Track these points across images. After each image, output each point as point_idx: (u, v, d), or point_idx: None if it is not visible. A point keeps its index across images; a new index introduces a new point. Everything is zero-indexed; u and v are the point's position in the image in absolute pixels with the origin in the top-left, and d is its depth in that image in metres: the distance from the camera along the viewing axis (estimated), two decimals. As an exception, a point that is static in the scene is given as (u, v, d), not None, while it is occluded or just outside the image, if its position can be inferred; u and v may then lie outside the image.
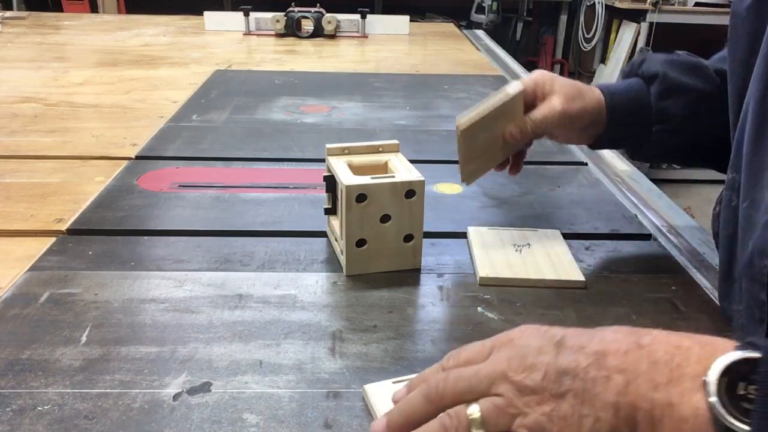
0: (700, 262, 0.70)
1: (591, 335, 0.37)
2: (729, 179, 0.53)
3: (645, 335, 0.36)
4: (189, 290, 0.60)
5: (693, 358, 0.34)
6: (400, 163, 0.66)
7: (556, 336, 0.38)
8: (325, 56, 1.76)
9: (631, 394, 0.35)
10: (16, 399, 0.46)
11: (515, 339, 0.39)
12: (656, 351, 0.35)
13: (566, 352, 0.37)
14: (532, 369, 0.37)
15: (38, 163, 0.90)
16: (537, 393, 0.36)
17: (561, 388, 0.36)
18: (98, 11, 3.46)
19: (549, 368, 0.36)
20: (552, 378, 0.36)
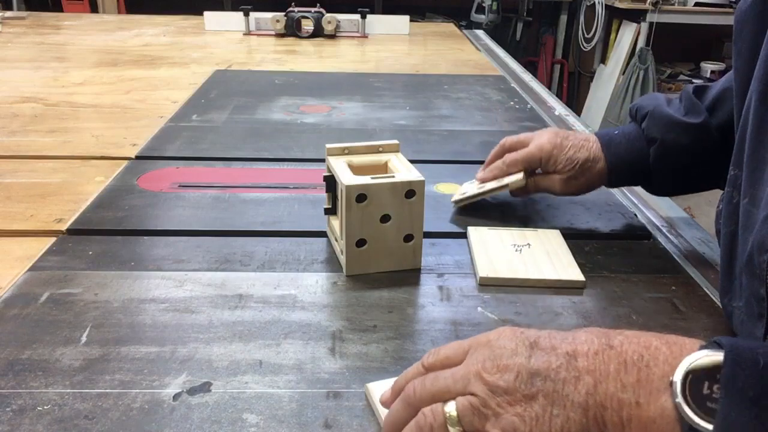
0: (700, 262, 0.70)
1: (564, 337, 0.38)
2: (731, 176, 0.53)
3: (616, 336, 0.37)
4: (189, 290, 0.60)
5: (661, 358, 0.35)
6: (400, 163, 0.66)
7: (530, 338, 0.39)
8: (325, 56, 1.76)
9: (599, 395, 0.36)
10: (16, 399, 0.46)
11: (492, 340, 0.40)
12: (626, 351, 0.36)
13: (539, 353, 0.38)
14: (505, 370, 0.38)
15: (38, 163, 0.90)
16: (509, 393, 0.37)
17: (532, 388, 0.37)
18: (98, 11, 3.46)
19: (521, 369, 0.37)
20: (524, 379, 0.37)
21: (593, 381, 0.36)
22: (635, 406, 0.35)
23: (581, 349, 0.37)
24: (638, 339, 0.36)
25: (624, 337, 0.37)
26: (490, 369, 0.38)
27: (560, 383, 0.36)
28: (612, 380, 0.35)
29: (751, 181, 0.49)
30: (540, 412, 0.36)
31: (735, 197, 0.52)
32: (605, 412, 0.35)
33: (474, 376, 0.39)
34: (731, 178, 0.53)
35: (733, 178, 0.53)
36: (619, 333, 0.37)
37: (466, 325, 0.57)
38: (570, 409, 0.36)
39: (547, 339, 0.39)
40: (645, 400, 0.35)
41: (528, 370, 0.37)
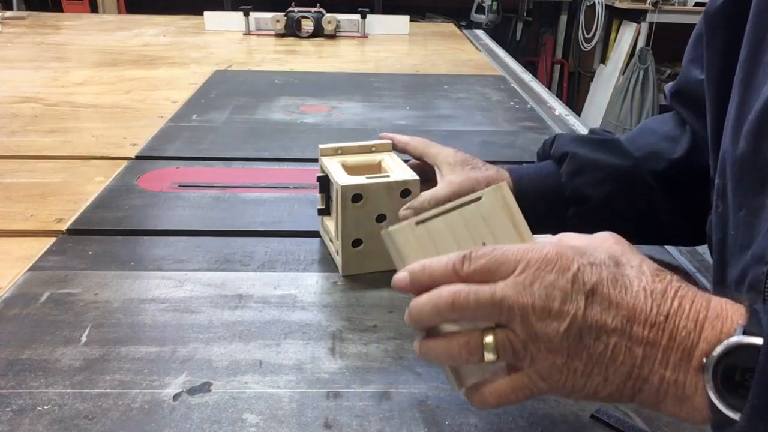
0: (700, 262, 0.70)
1: (624, 288, 0.36)
2: (715, 185, 0.53)
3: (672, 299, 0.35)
4: (189, 290, 0.60)
5: (703, 335, 0.34)
6: (393, 163, 0.66)
7: (588, 282, 0.35)
8: (325, 56, 1.76)
9: (645, 368, 0.35)
10: (16, 399, 0.46)
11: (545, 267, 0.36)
12: (677, 327, 0.35)
13: (596, 305, 0.35)
14: (556, 317, 0.35)
15: (38, 163, 0.90)
16: (553, 343, 0.35)
17: (580, 344, 0.35)
18: (98, 11, 3.46)
19: (574, 321, 0.35)
20: (573, 333, 0.35)
21: (642, 355, 0.35)
22: (673, 383, 0.35)
23: (640, 314, 0.35)
24: (689, 310, 0.35)
25: (678, 305, 0.35)
26: (540, 312, 0.35)
27: (610, 348, 0.35)
28: (660, 357, 0.35)
29: (741, 190, 0.48)
30: (581, 369, 0.35)
31: (719, 206, 0.51)
32: (645, 384, 0.35)
33: (520, 315, 0.35)
34: (716, 187, 0.53)
35: (717, 188, 0.52)
36: (674, 294, 0.36)
37: (466, 325, 0.56)
38: (612, 374, 0.35)
39: (608, 288, 0.35)
40: (683, 379, 0.35)
41: (580, 324, 0.35)
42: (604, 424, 0.45)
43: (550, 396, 0.44)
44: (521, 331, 0.36)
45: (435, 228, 0.43)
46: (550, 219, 0.61)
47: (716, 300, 0.36)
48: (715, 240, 0.53)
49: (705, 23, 0.54)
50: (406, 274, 0.39)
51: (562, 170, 0.63)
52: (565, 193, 0.63)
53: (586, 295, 0.35)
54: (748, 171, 0.46)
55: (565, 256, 0.36)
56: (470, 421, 0.45)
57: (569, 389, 0.37)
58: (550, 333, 0.35)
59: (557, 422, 0.45)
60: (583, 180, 0.62)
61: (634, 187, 0.63)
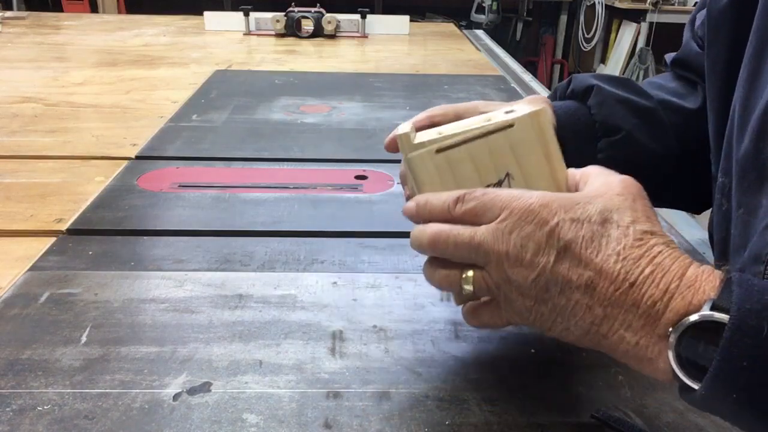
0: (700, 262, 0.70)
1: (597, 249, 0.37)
2: (719, 183, 0.53)
3: (645, 267, 0.36)
4: (189, 290, 0.60)
5: (671, 305, 0.35)
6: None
7: (563, 238, 0.37)
8: (325, 56, 1.76)
9: (604, 326, 0.37)
10: (16, 399, 0.46)
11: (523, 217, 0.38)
12: (644, 294, 0.35)
13: (564, 261, 0.37)
14: (527, 266, 0.38)
15: (38, 163, 0.90)
16: (523, 288, 0.38)
17: (545, 294, 0.38)
18: (98, 11, 3.47)
19: (542, 272, 0.37)
20: (541, 284, 0.37)
21: (603, 314, 0.36)
22: (634, 344, 0.36)
23: (605, 275, 0.36)
24: (661, 278, 0.35)
25: (650, 272, 0.36)
26: (513, 260, 0.38)
27: (572, 303, 0.37)
28: (620, 318, 0.36)
29: (741, 189, 0.48)
30: (546, 314, 0.38)
31: (724, 204, 0.51)
32: (603, 340, 0.37)
33: (495, 260, 0.39)
34: (720, 185, 0.52)
35: (721, 186, 0.52)
36: (649, 261, 0.36)
37: (467, 326, 0.56)
38: (572, 325, 0.38)
39: (581, 246, 0.37)
40: (645, 343, 0.36)
41: (547, 276, 0.37)
42: (604, 424, 0.45)
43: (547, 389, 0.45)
44: (495, 274, 0.39)
45: (456, 157, 0.41)
46: (584, 153, 0.60)
47: (693, 268, 0.36)
48: (717, 239, 0.53)
49: (708, 22, 0.54)
50: (413, 205, 0.43)
51: (589, 103, 0.62)
52: (596, 125, 0.61)
53: (558, 250, 0.37)
54: (750, 169, 0.46)
55: (548, 209, 0.38)
56: (470, 420, 0.45)
57: (539, 327, 0.40)
58: (520, 279, 0.38)
59: (557, 422, 0.45)
60: (610, 111, 0.61)
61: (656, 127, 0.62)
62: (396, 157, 0.46)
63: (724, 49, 0.52)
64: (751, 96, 0.47)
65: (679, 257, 0.36)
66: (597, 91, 0.61)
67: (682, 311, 0.34)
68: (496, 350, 0.53)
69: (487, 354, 0.52)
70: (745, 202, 0.47)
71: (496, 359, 0.52)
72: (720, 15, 0.52)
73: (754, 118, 0.45)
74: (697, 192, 0.65)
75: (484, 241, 0.39)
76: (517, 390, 0.48)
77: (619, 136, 0.61)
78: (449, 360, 0.52)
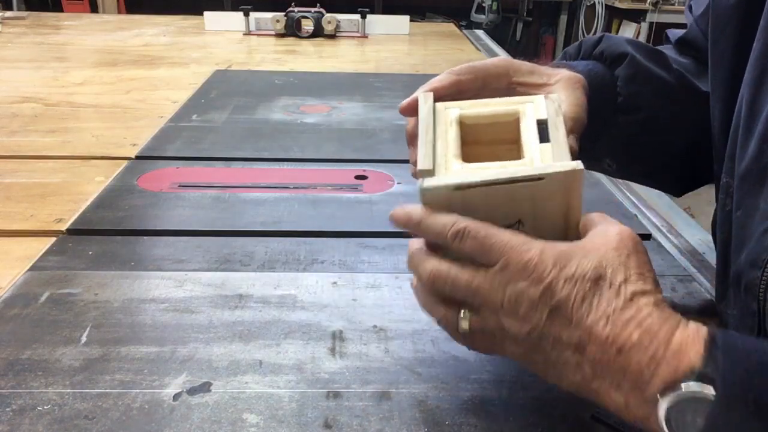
0: (700, 262, 0.70)
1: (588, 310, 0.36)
2: (723, 183, 0.52)
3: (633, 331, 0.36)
4: (189, 290, 0.60)
5: (660, 372, 0.35)
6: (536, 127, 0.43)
7: (555, 297, 0.37)
8: (325, 56, 1.76)
9: (595, 384, 0.37)
10: (16, 399, 0.46)
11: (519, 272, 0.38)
12: (632, 360, 0.35)
13: (556, 321, 0.37)
14: (521, 320, 0.38)
15: (38, 163, 0.90)
16: (517, 339, 0.39)
17: (538, 346, 0.38)
18: (98, 11, 3.47)
19: (535, 328, 0.38)
20: (534, 337, 0.38)
21: (592, 373, 0.37)
22: (624, 404, 0.36)
23: (594, 338, 0.36)
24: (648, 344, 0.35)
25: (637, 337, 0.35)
26: (507, 312, 0.38)
27: (561, 360, 0.38)
28: (609, 379, 0.36)
29: (742, 191, 0.47)
30: (540, 364, 0.39)
31: (728, 205, 0.51)
32: (597, 396, 0.37)
33: (491, 308, 0.39)
34: (723, 185, 0.52)
35: (725, 186, 0.51)
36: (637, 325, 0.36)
37: (466, 325, 0.56)
38: (565, 379, 0.38)
39: (572, 306, 0.37)
40: (635, 403, 0.36)
41: (540, 332, 0.38)
42: (604, 424, 0.45)
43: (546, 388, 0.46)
44: (491, 321, 0.40)
45: (472, 199, 0.40)
46: (598, 125, 0.55)
47: (680, 331, 0.36)
48: (720, 239, 0.53)
49: (713, 19, 0.52)
50: (405, 218, 0.42)
51: (617, 73, 0.58)
52: (618, 99, 0.57)
53: (550, 309, 0.37)
54: (752, 172, 0.46)
55: (544, 265, 0.38)
56: (470, 421, 0.45)
57: (532, 371, 0.41)
58: (514, 330, 0.39)
59: (557, 422, 0.45)
60: (637, 88, 0.58)
61: (675, 110, 0.59)
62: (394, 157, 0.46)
63: (730, 49, 0.51)
64: (758, 98, 0.46)
65: (668, 319, 0.36)
66: (630, 61, 0.57)
67: (669, 379, 0.34)
68: (496, 350, 0.53)
69: (487, 354, 0.52)
70: (744, 204, 0.47)
71: (496, 359, 0.52)
72: (726, 12, 0.51)
73: (761, 120, 0.45)
74: (686, 175, 0.64)
75: (480, 288, 0.39)
76: (517, 390, 0.48)
77: (638, 117, 0.58)
78: (449, 360, 0.52)
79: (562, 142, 0.42)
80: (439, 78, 0.50)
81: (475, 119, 0.44)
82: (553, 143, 0.42)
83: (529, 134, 0.43)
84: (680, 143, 0.61)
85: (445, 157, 0.42)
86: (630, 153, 0.61)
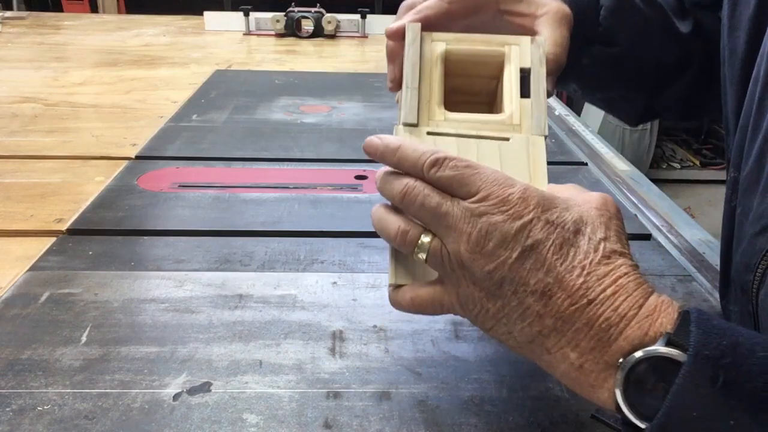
0: (700, 262, 0.70)
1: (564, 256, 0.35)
2: (730, 178, 0.51)
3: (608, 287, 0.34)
4: (189, 290, 0.60)
5: (626, 333, 0.33)
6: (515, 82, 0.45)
7: (532, 237, 0.35)
8: (325, 56, 1.76)
9: (550, 340, 0.35)
10: (16, 399, 0.46)
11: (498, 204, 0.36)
12: (600, 314, 0.34)
13: (527, 261, 0.35)
14: (485, 256, 0.35)
15: (38, 163, 0.90)
16: (476, 277, 0.36)
17: (497, 291, 0.36)
18: (98, 11, 3.47)
19: (498, 267, 0.35)
20: (496, 278, 0.35)
21: (552, 326, 0.35)
22: (578, 367, 0.34)
23: (565, 285, 0.34)
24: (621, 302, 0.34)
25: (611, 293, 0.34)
26: (473, 245, 0.36)
27: (521, 308, 0.35)
28: (569, 335, 0.34)
29: (743, 188, 0.47)
30: (492, 312, 0.36)
31: (733, 200, 0.51)
32: (545, 354, 0.35)
33: (456, 238, 0.36)
34: (731, 180, 0.51)
35: (732, 181, 0.51)
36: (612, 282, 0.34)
37: (466, 325, 0.57)
38: (517, 330, 0.36)
39: (548, 250, 0.35)
40: (589, 368, 0.34)
41: (504, 272, 0.35)
42: (604, 424, 0.45)
43: (546, 388, 0.44)
44: (453, 252, 0.37)
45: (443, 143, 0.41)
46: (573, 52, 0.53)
47: (654, 297, 0.34)
48: (724, 234, 0.52)
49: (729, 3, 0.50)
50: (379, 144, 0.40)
51: (602, 2, 0.57)
52: (599, 29, 0.57)
53: (523, 248, 0.35)
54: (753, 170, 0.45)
55: (526, 204, 0.36)
56: (470, 421, 0.45)
57: (479, 324, 0.38)
58: (476, 268, 0.36)
59: (557, 422, 0.45)
60: (618, 21, 0.57)
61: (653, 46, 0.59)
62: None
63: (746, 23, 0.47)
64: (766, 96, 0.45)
65: (643, 283, 0.35)
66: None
67: (637, 341, 0.33)
68: (496, 350, 0.53)
69: (487, 354, 0.52)
70: (743, 202, 0.47)
71: (496, 359, 0.52)
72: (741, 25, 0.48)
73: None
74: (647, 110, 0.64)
75: (451, 213, 0.37)
76: (517, 390, 0.48)
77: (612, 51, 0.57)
78: (449, 360, 0.52)
79: (542, 97, 0.43)
80: (428, 4, 0.49)
81: (461, 56, 0.45)
82: (533, 98, 0.43)
83: (511, 83, 0.44)
84: (647, 81, 0.61)
85: (428, 105, 0.43)
86: (596, 82, 0.61)
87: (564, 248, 0.35)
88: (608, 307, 0.34)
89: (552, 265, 0.35)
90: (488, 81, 0.47)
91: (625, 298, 0.34)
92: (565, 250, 0.35)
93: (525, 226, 0.35)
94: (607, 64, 0.58)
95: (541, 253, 0.35)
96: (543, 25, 0.50)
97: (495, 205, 0.36)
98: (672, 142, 3.55)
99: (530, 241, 0.35)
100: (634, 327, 0.33)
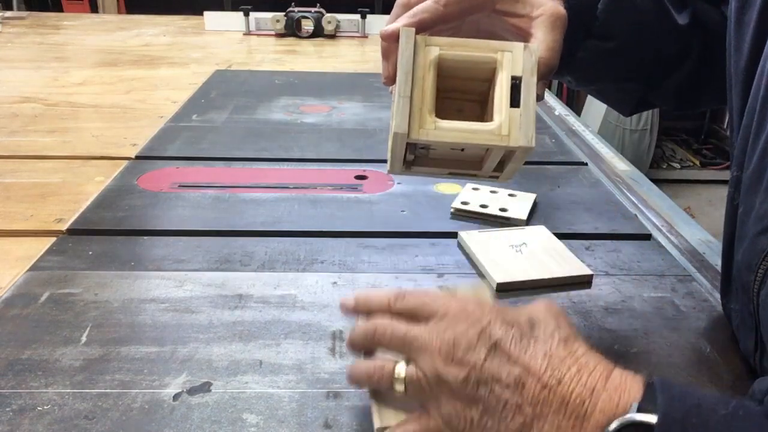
0: (700, 262, 0.70)
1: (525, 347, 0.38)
2: (733, 177, 0.51)
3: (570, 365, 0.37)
4: (189, 290, 0.60)
5: (600, 406, 0.35)
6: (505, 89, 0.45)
7: (493, 336, 0.39)
8: (325, 56, 1.76)
9: (535, 428, 0.37)
10: (16, 399, 0.46)
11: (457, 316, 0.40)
12: (571, 392, 0.36)
13: (495, 359, 0.38)
14: (458, 364, 0.38)
15: (38, 163, 0.90)
16: (453, 389, 0.38)
17: (476, 394, 0.38)
18: (98, 11, 3.47)
19: (473, 371, 0.38)
20: (471, 383, 0.38)
21: (532, 415, 0.37)
22: None
23: (534, 372, 0.37)
24: (587, 378, 0.36)
25: (576, 371, 0.37)
26: (444, 357, 0.39)
27: (501, 404, 0.37)
28: (550, 420, 0.36)
29: (745, 187, 0.47)
30: (476, 419, 0.38)
31: (735, 199, 0.50)
32: None
33: (428, 356, 0.39)
34: (734, 179, 0.51)
35: (735, 180, 0.51)
36: (574, 362, 0.37)
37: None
38: (503, 428, 0.38)
39: (510, 344, 0.38)
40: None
41: (477, 374, 0.38)
42: (604, 424, 0.45)
43: None
44: (428, 371, 0.39)
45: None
46: (569, 46, 0.52)
47: (617, 372, 0.37)
48: (726, 232, 0.52)
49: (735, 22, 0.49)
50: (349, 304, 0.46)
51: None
52: (596, 23, 0.56)
53: (488, 348, 0.38)
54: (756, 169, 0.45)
55: (482, 310, 0.40)
56: (470, 421, 0.45)
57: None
58: (451, 378, 0.38)
59: None
60: (616, 17, 0.56)
61: (649, 41, 0.59)
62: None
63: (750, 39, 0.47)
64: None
65: (601, 360, 0.38)
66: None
67: (610, 413, 0.35)
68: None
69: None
70: (745, 202, 0.47)
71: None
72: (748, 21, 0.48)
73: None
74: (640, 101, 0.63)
75: (417, 336, 0.40)
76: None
77: (608, 45, 0.57)
78: (449, 360, 0.52)
79: (531, 107, 0.44)
80: (424, 7, 0.48)
81: (454, 62, 0.46)
82: (523, 109, 0.44)
83: (502, 91, 0.45)
84: (644, 73, 0.61)
85: (420, 112, 0.44)
86: (591, 73, 0.62)
87: (524, 340, 0.38)
88: (576, 383, 0.36)
89: (517, 356, 0.38)
90: (481, 83, 0.48)
91: (590, 374, 0.37)
92: (525, 341, 0.38)
93: (485, 328, 0.39)
94: (602, 57, 0.59)
95: (505, 348, 0.38)
96: (537, 27, 0.50)
97: (455, 317, 0.40)
98: (672, 142, 3.55)
99: (493, 340, 0.38)
100: (605, 399, 0.35)
